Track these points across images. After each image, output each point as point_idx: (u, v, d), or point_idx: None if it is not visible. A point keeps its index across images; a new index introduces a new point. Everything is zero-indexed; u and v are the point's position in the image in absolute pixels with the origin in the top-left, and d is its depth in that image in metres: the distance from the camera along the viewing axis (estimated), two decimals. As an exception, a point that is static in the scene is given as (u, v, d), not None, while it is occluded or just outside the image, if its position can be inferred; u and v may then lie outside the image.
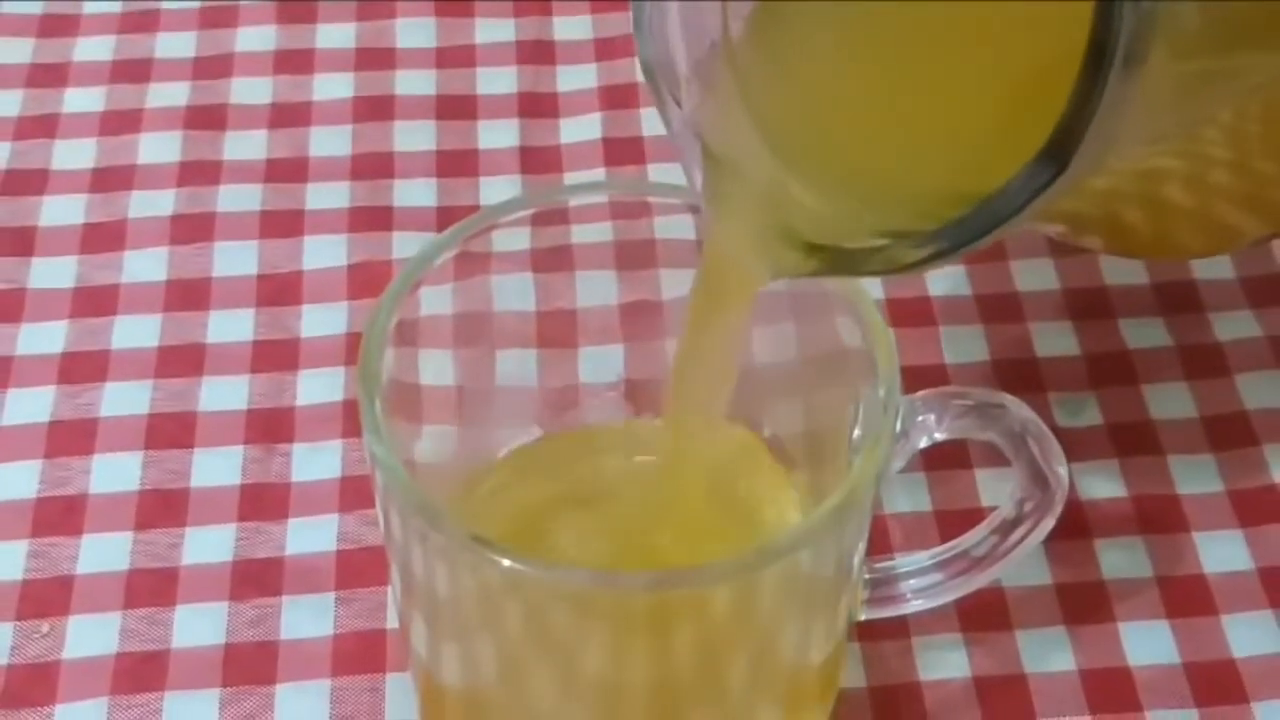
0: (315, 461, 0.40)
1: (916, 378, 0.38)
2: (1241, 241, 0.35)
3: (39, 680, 0.36)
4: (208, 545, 0.38)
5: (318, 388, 0.41)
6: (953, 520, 0.38)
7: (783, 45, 0.30)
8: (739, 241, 0.29)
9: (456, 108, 0.48)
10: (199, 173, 0.46)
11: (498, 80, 0.49)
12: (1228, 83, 0.27)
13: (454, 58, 0.49)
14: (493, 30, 0.50)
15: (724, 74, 0.30)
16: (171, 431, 0.40)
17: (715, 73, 0.30)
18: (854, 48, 0.30)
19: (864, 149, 0.29)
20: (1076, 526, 0.38)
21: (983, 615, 0.37)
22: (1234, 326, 0.42)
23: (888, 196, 0.28)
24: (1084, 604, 0.37)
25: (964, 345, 0.42)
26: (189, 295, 0.43)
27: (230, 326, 0.42)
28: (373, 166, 0.46)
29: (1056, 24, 0.24)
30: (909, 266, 0.26)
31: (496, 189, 0.46)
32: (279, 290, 0.43)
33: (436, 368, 0.34)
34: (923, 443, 0.32)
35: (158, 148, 0.47)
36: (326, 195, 0.45)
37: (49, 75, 0.49)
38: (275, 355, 0.42)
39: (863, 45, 0.30)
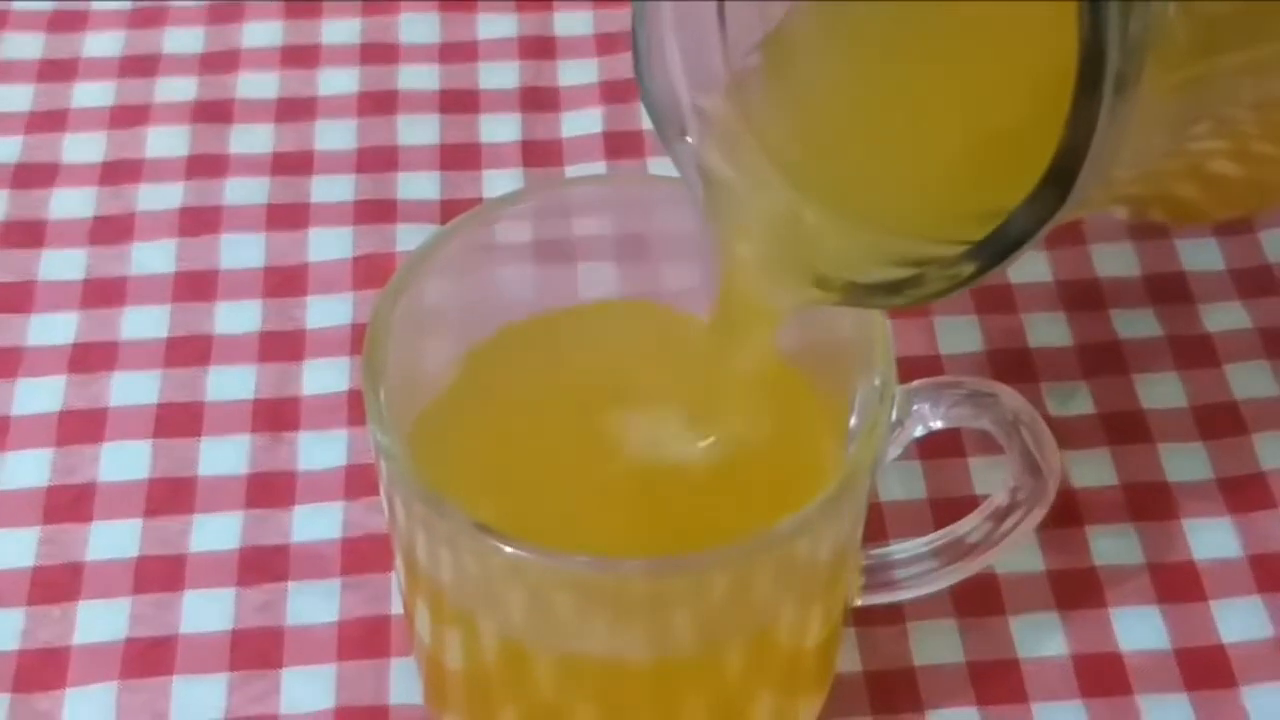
0: (321, 450, 0.40)
1: (912, 368, 0.38)
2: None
3: (50, 664, 0.36)
4: (216, 532, 0.38)
5: (323, 377, 0.41)
6: (947, 507, 0.38)
7: (793, 78, 0.30)
8: (756, 276, 0.30)
9: (459, 102, 0.48)
10: (206, 166, 0.46)
11: (500, 75, 0.49)
12: (1224, 83, 0.27)
13: (457, 53, 0.49)
14: (495, 25, 0.50)
15: (732, 110, 0.30)
16: (180, 420, 0.40)
17: (722, 109, 0.30)
18: (864, 76, 0.30)
19: (879, 173, 0.29)
20: (1068, 514, 0.38)
21: (976, 601, 0.37)
22: (1223, 317, 0.42)
23: (904, 219, 0.28)
24: (1076, 590, 0.37)
25: (958, 336, 0.42)
26: (197, 286, 0.43)
27: (237, 317, 0.42)
28: (377, 160, 0.46)
29: (1055, 47, 0.24)
30: (924, 299, 0.26)
31: (499, 182, 0.46)
32: (285, 281, 0.43)
33: (440, 357, 0.34)
34: (918, 431, 0.32)
35: (166, 141, 0.47)
36: (332, 188, 0.45)
37: (59, 70, 0.49)
38: (281, 345, 0.42)
39: (872, 74, 0.30)
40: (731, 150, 0.30)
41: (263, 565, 0.38)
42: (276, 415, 0.40)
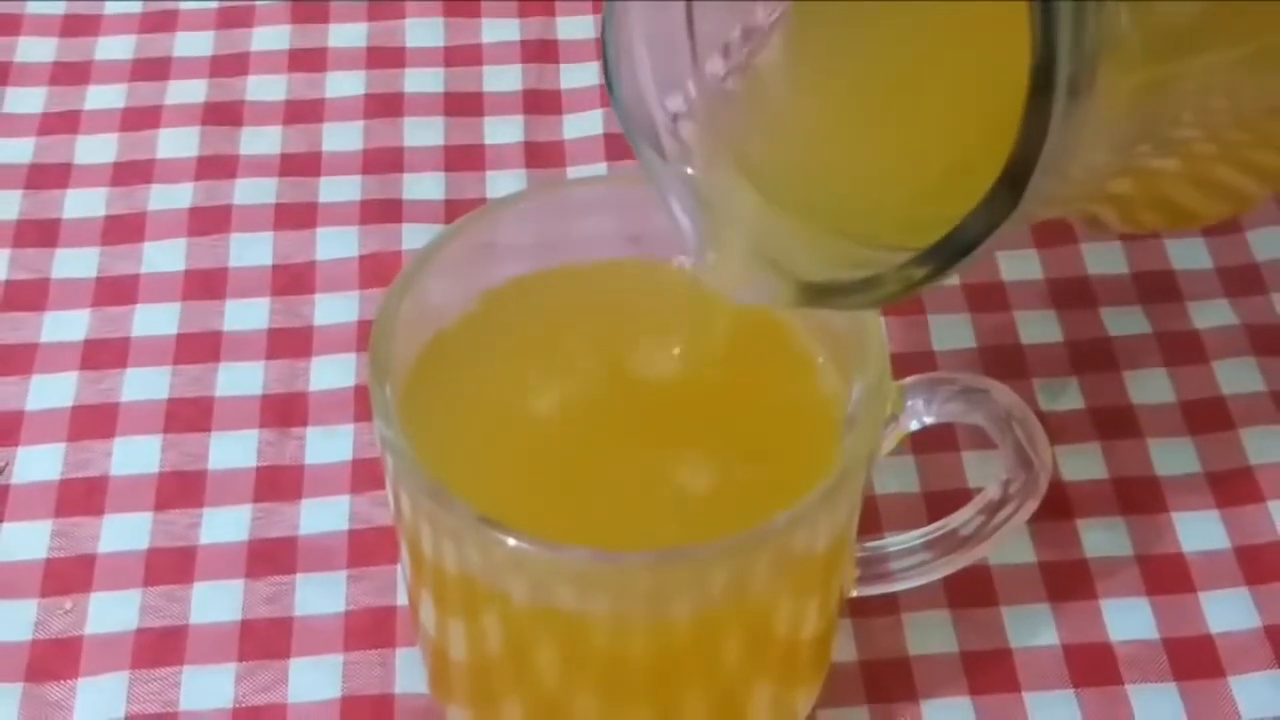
0: (328, 445, 0.40)
1: (906, 364, 0.38)
2: (1250, 202, 0.34)
3: (62, 655, 0.36)
4: (225, 525, 0.38)
5: (330, 373, 0.41)
6: (940, 501, 0.38)
7: (763, 93, 0.30)
8: (722, 277, 0.30)
9: (464, 104, 0.48)
10: (216, 167, 0.46)
11: (503, 78, 0.48)
12: (1181, 85, 0.27)
13: (461, 56, 0.49)
14: (499, 30, 0.50)
15: (704, 119, 0.30)
16: (190, 415, 0.40)
17: (696, 117, 0.30)
18: (829, 92, 0.30)
19: (843, 183, 0.29)
20: (1059, 507, 0.38)
21: (969, 592, 0.37)
22: (1211, 314, 0.42)
23: (867, 226, 0.28)
24: (1067, 582, 0.37)
25: (951, 332, 0.42)
26: (206, 285, 0.43)
27: (246, 315, 0.42)
28: (383, 161, 0.46)
29: (1012, 58, 0.24)
30: (880, 300, 0.26)
31: (502, 182, 0.45)
32: (293, 280, 0.43)
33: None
34: (912, 426, 0.32)
35: (176, 143, 0.46)
36: (339, 188, 0.45)
37: (72, 73, 0.48)
38: (289, 342, 0.42)
39: (836, 89, 0.30)
40: (702, 157, 0.30)
41: (271, 557, 0.38)
42: (284, 410, 0.40)
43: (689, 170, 0.30)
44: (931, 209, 0.26)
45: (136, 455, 0.39)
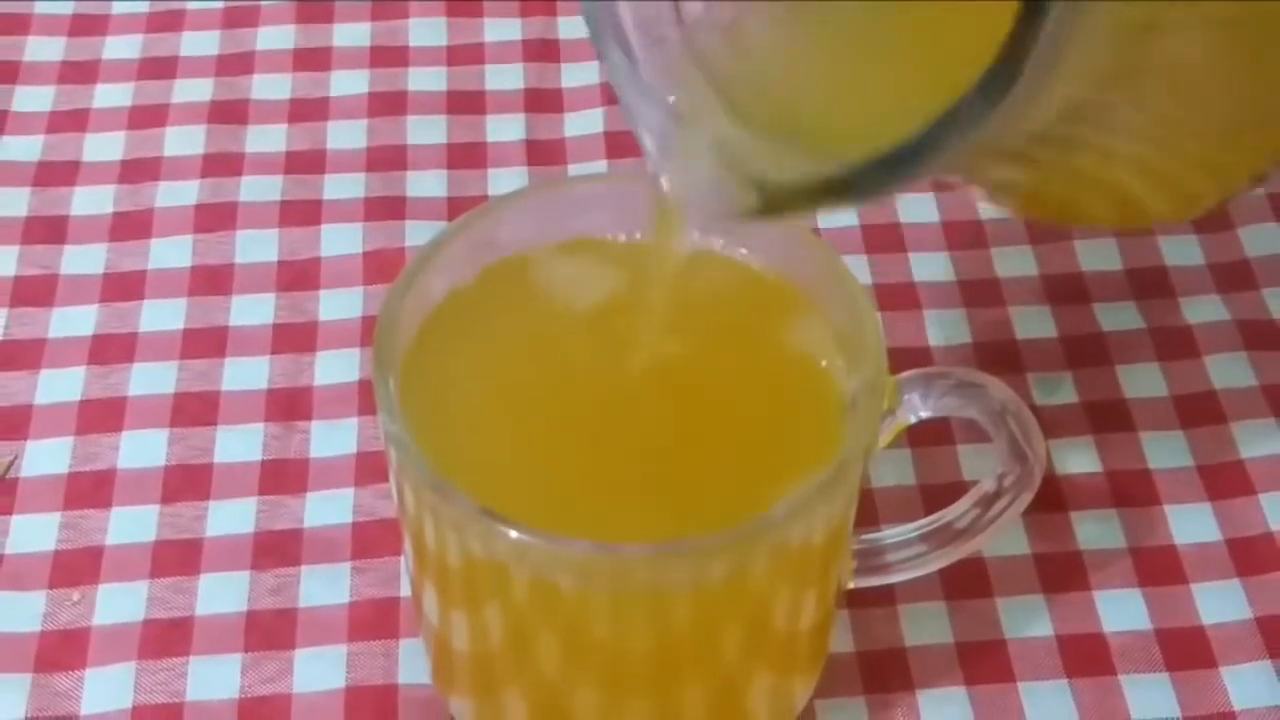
0: (332, 438, 0.40)
1: (902, 358, 0.38)
2: (1202, 204, 0.33)
3: (70, 646, 0.36)
4: (230, 518, 0.38)
5: (335, 368, 0.41)
6: (936, 494, 0.38)
7: (744, 18, 0.30)
8: (689, 184, 0.29)
9: (466, 103, 0.48)
10: (222, 165, 0.46)
11: (505, 77, 0.48)
12: (1162, 38, 0.26)
13: (464, 55, 0.49)
14: (501, 29, 0.50)
15: (679, 41, 0.29)
16: (196, 410, 0.40)
17: (668, 38, 0.29)
18: (809, 13, 0.29)
19: (821, 105, 0.29)
20: (1054, 500, 0.38)
21: (965, 584, 0.37)
22: (1203, 310, 0.42)
23: (843, 148, 0.27)
24: (1061, 573, 0.37)
25: (947, 328, 0.42)
26: (212, 281, 0.43)
27: (251, 310, 0.42)
28: (387, 159, 0.46)
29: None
30: (866, 192, 0.24)
31: (504, 180, 0.45)
32: (298, 276, 0.43)
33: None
34: (909, 420, 0.32)
35: (183, 141, 0.46)
36: (343, 186, 0.45)
37: (80, 72, 0.48)
38: (294, 337, 0.42)
39: (816, 14, 0.29)
40: (673, 68, 0.29)
41: (276, 549, 0.38)
42: (289, 405, 0.40)
43: (657, 78, 0.29)
44: (903, 133, 0.25)
45: (143, 449, 0.39)
